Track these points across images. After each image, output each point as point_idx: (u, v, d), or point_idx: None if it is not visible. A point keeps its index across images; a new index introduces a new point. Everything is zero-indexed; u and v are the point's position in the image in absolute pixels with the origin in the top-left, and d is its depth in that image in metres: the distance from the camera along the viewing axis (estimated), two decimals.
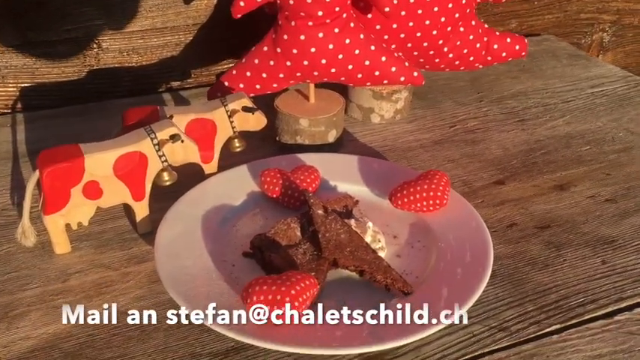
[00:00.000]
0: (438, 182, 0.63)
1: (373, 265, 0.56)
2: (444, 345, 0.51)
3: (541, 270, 0.60)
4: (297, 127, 0.76)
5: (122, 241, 0.64)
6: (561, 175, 0.75)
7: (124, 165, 0.60)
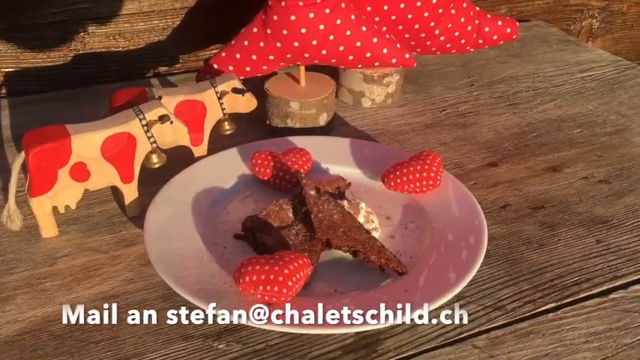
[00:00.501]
0: (431, 163, 0.62)
1: (367, 245, 0.55)
2: (440, 324, 0.51)
3: (536, 249, 0.59)
4: (287, 110, 0.75)
5: (110, 224, 0.62)
6: (554, 157, 0.74)
7: (112, 146, 0.59)
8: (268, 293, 0.48)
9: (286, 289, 0.48)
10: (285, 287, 0.48)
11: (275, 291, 0.48)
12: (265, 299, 0.49)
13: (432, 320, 0.51)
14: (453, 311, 0.50)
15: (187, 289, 0.50)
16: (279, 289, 0.48)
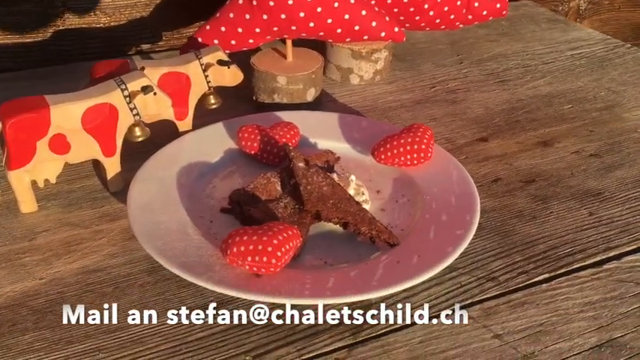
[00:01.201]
0: (422, 135, 0.61)
1: (357, 216, 0.54)
2: (432, 295, 0.50)
3: (528, 222, 0.58)
4: (274, 85, 0.74)
5: (92, 199, 0.60)
6: (544, 132, 0.73)
7: (92, 117, 0.57)
8: (257, 264, 0.47)
9: (275, 259, 0.47)
10: (275, 258, 0.47)
11: (264, 262, 0.46)
12: (254, 270, 0.47)
13: (425, 295, 0.50)
14: (453, 312, 0.47)
15: (173, 261, 0.49)
16: (268, 260, 0.46)
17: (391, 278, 0.48)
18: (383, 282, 0.47)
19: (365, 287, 0.47)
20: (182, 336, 0.46)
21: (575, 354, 0.45)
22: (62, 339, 0.46)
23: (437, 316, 0.48)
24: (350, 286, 0.47)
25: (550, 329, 0.47)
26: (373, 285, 0.47)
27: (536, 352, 0.45)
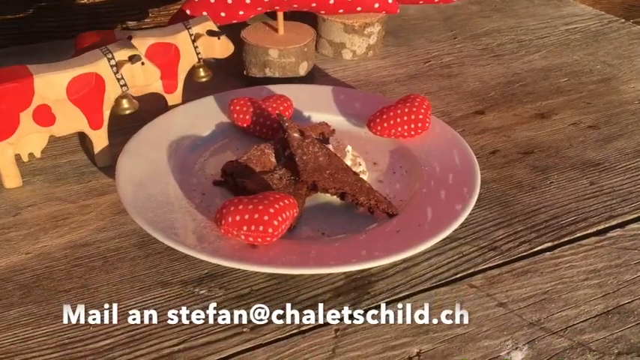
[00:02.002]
0: (419, 106, 0.60)
1: (355, 186, 0.52)
2: (433, 265, 0.48)
3: (528, 192, 0.57)
4: (266, 58, 0.72)
5: (79, 174, 0.58)
6: (541, 104, 0.72)
7: (78, 88, 0.55)
8: (252, 234, 0.45)
9: (272, 228, 0.45)
10: (271, 227, 0.45)
11: (260, 231, 0.45)
12: (249, 240, 0.45)
13: (426, 265, 0.48)
14: (453, 311, 0.45)
15: (164, 233, 0.47)
16: (264, 229, 0.45)
17: (392, 248, 0.46)
18: (384, 251, 0.46)
19: (366, 256, 0.45)
20: None
21: (581, 321, 0.44)
22: (50, 313, 0.44)
23: (438, 286, 0.46)
24: (351, 256, 0.46)
25: (555, 297, 0.46)
26: (375, 254, 0.45)
27: (542, 319, 0.44)
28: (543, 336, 0.43)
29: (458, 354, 0.41)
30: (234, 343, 0.42)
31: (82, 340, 0.42)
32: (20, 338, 0.42)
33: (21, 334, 0.42)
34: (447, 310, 0.44)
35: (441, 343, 0.42)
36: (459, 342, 0.42)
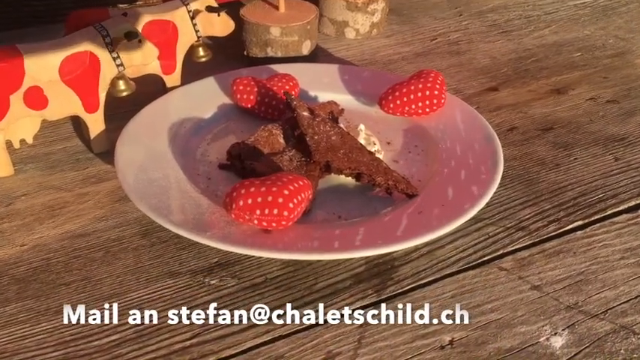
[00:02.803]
0: (433, 81, 0.56)
1: (371, 166, 0.49)
2: (458, 247, 0.45)
3: (552, 169, 0.54)
4: (267, 37, 0.68)
5: (74, 161, 0.55)
6: (556, 79, 0.69)
7: (71, 68, 0.51)
8: (266, 218, 0.42)
9: (287, 211, 0.42)
10: (286, 210, 0.42)
11: (274, 215, 0.41)
12: (263, 225, 0.42)
13: (451, 248, 0.45)
14: (454, 311, 0.41)
15: (170, 220, 0.43)
16: (279, 212, 0.41)
17: (415, 230, 0.43)
18: (408, 233, 0.43)
19: (390, 239, 0.42)
20: None
21: (622, 302, 0.41)
22: (50, 309, 0.40)
23: (465, 269, 0.43)
24: (373, 239, 0.42)
25: (591, 278, 0.43)
26: (398, 237, 0.42)
27: (580, 302, 0.41)
28: (583, 319, 0.40)
29: (493, 341, 0.38)
30: (251, 335, 0.39)
31: (85, 336, 0.39)
32: (17, 336, 0.38)
33: (18, 331, 0.39)
34: (478, 295, 0.41)
35: (474, 330, 0.39)
36: (493, 328, 0.39)
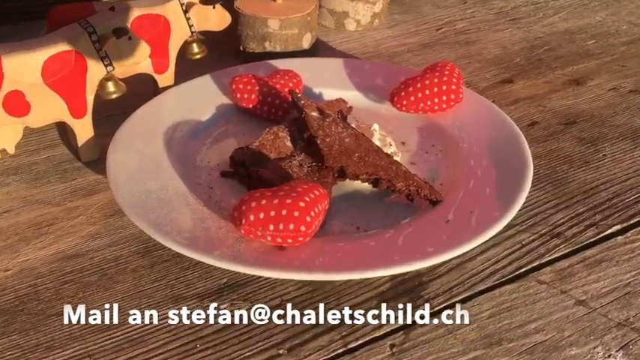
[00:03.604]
0: (449, 75, 0.52)
1: (390, 171, 0.45)
2: (491, 259, 0.41)
3: (581, 168, 0.50)
4: (265, 30, 0.63)
5: (62, 172, 0.50)
6: (573, 69, 0.65)
7: (55, 69, 0.46)
8: (281, 234, 0.37)
9: (304, 226, 0.37)
10: (303, 224, 0.37)
11: (290, 230, 0.37)
12: (277, 242, 0.38)
13: (483, 259, 0.41)
14: (454, 311, 0.38)
15: (173, 238, 0.39)
16: (295, 228, 0.37)
17: (447, 241, 0.39)
18: (438, 246, 0.38)
19: (419, 254, 0.38)
20: None
21: None
22: (40, 344, 0.36)
23: (501, 284, 0.39)
24: (399, 254, 0.38)
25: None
26: (428, 251, 0.38)
27: (631, 318, 0.37)
28: (637, 338, 0.36)
29: None
30: None
31: None
32: None
33: None
34: (519, 313, 0.37)
35: (519, 354, 0.35)
36: (540, 352, 0.35)
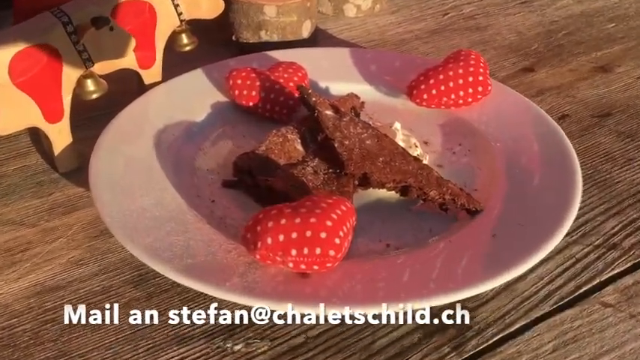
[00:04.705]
0: (475, 64, 0.47)
1: (420, 177, 0.39)
2: (543, 278, 0.36)
3: (625, 166, 0.45)
4: (261, 18, 0.57)
5: (36, 185, 0.43)
6: (597, 55, 0.60)
7: (25, 67, 0.39)
8: (306, 259, 0.31)
9: (334, 249, 0.31)
10: (332, 247, 0.31)
11: (317, 255, 0.31)
12: (301, 268, 0.32)
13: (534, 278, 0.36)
14: (454, 311, 0.33)
15: (174, 266, 0.32)
16: (322, 252, 0.31)
17: (497, 260, 0.33)
18: (490, 268, 0.33)
19: (466, 278, 0.32)
20: None
21: None
22: None
23: (561, 309, 0.34)
24: (445, 278, 0.32)
25: None
26: (480, 276, 0.32)
27: None
28: None
29: None
30: None
31: None
32: None
33: None
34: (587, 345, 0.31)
35: None
36: None
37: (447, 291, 0.31)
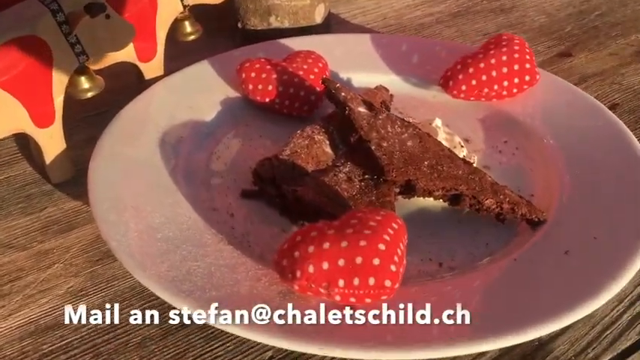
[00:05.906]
0: (520, 50, 0.41)
1: (472, 183, 0.34)
2: (623, 300, 0.31)
3: None
4: (270, 2, 0.51)
5: (26, 199, 0.38)
6: (637, 38, 0.55)
7: (8, 64, 0.34)
8: (356, 291, 0.26)
9: (390, 279, 0.26)
10: (388, 276, 0.26)
11: (370, 286, 0.26)
12: (349, 301, 0.27)
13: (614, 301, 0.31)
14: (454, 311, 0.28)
15: (196, 300, 0.27)
16: (377, 282, 0.26)
17: (579, 284, 0.28)
18: (569, 293, 0.28)
19: (546, 308, 0.27)
20: None
21: None
22: None
23: None
24: (516, 310, 0.27)
25: None
26: (560, 304, 0.27)
27: None
28: None
29: None
30: None
31: None
32: None
33: None
34: None
35: None
36: None
37: (524, 326, 0.26)
